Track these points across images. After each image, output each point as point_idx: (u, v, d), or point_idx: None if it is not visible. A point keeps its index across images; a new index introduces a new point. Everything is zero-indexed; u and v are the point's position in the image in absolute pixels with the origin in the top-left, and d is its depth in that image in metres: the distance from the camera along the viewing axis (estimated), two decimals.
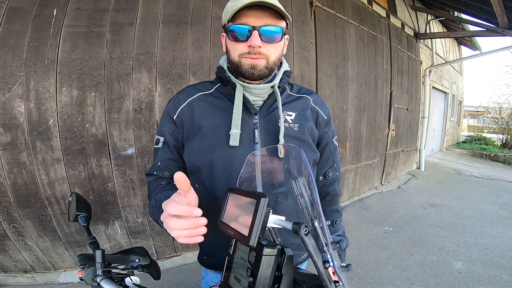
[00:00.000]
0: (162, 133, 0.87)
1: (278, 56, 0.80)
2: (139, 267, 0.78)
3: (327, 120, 0.96)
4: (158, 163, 0.88)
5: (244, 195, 0.58)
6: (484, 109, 17.39)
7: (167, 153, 0.87)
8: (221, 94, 0.85)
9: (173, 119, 0.85)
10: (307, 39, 3.20)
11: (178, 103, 0.85)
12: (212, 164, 0.80)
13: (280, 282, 0.55)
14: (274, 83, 0.81)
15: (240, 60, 0.76)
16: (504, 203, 4.56)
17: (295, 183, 0.72)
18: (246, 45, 0.74)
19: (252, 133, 0.80)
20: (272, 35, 0.74)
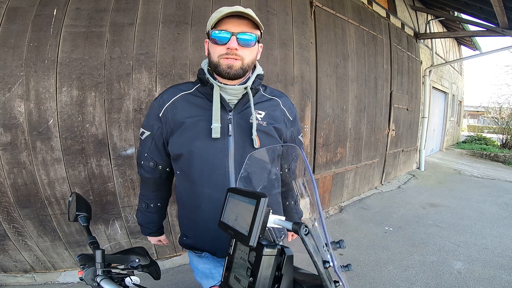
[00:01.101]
0: (149, 127, 1.01)
1: (252, 59, 0.94)
2: (139, 267, 0.78)
3: (292, 120, 1.09)
4: (145, 154, 1.04)
5: (244, 195, 0.58)
6: (484, 109, 17.38)
7: (152, 146, 1.02)
8: (200, 93, 0.98)
9: (159, 116, 0.98)
10: (307, 39, 3.20)
11: (163, 102, 0.99)
12: (191, 153, 0.94)
13: (280, 282, 0.55)
14: (247, 85, 0.94)
15: (219, 60, 0.89)
16: (504, 203, 4.56)
17: (295, 183, 0.72)
18: (225, 47, 0.87)
19: (226, 127, 0.94)
20: (248, 40, 0.88)
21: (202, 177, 0.94)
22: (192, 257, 1.09)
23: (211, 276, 1.06)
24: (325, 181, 3.91)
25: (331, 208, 4.11)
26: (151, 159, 1.04)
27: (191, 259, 1.11)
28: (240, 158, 0.93)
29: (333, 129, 3.89)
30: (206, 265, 1.05)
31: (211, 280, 1.06)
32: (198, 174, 0.94)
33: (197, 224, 0.99)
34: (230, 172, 0.93)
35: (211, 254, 1.02)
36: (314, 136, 3.62)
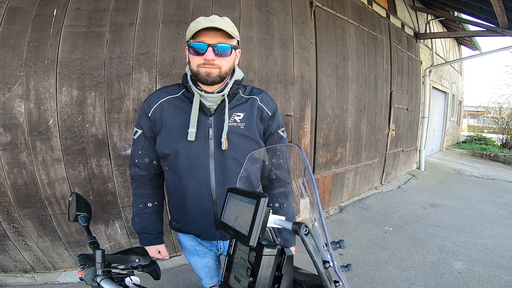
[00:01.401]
0: (140, 126, 1.09)
1: (230, 67, 1.01)
2: (139, 267, 0.78)
3: (271, 115, 1.14)
4: (139, 151, 1.11)
5: (244, 195, 0.58)
6: (484, 109, 17.36)
7: (145, 143, 1.10)
8: (186, 98, 1.06)
9: (148, 116, 1.07)
10: (307, 39, 3.20)
11: (151, 103, 1.07)
12: (176, 152, 1.04)
13: (280, 282, 0.55)
14: (224, 92, 1.02)
15: (198, 69, 0.96)
16: (504, 203, 4.56)
17: (295, 183, 0.72)
18: (203, 58, 0.94)
19: (207, 131, 1.03)
20: (224, 50, 0.95)
21: (187, 174, 1.05)
22: (180, 236, 1.24)
23: (196, 253, 1.23)
24: (325, 181, 3.91)
25: (331, 208, 4.11)
26: (146, 155, 1.11)
27: (179, 238, 1.25)
28: (219, 159, 1.05)
29: (333, 129, 3.89)
30: (190, 242, 1.21)
31: (196, 256, 1.24)
32: (184, 171, 1.05)
33: (184, 212, 1.11)
34: (210, 171, 1.05)
35: (195, 237, 1.17)
36: (314, 136, 3.62)
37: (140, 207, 1.16)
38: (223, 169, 1.05)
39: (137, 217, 1.17)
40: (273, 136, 1.17)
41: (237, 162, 1.05)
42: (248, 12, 2.71)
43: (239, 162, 1.04)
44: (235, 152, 1.05)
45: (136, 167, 1.13)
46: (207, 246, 1.21)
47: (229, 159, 1.05)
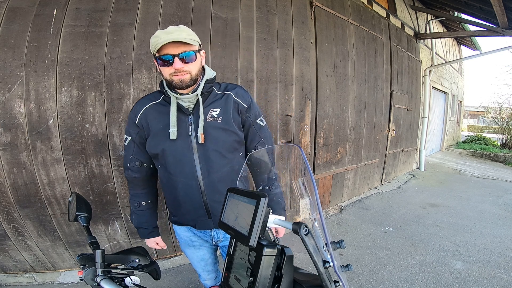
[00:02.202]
0: (130, 133, 1.21)
1: (199, 69, 1.10)
2: (139, 267, 0.78)
3: (247, 107, 1.21)
4: (130, 156, 1.22)
5: (244, 195, 0.58)
6: (484, 109, 17.35)
7: (135, 148, 1.21)
8: (166, 102, 1.16)
9: (136, 123, 1.18)
10: (307, 39, 3.20)
11: (137, 111, 1.18)
12: (164, 151, 1.14)
13: (280, 282, 0.55)
14: (197, 92, 1.11)
15: (171, 78, 1.06)
16: (504, 203, 4.56)
17: (295, 183, 0.72)
18: (172, 68, 1.02)
19: (187, 128, 1.13)
20: (189, 57, 1.03)
21: (175, 169, 1.15)
22: (176, 228, 1.34)
23: (191, 244, 1.34)
24: (325, 181, 3.91)
25: (331, 208, 4.11)
26: (136, 159, 1.22)
27: (176, 231, 1.35)
28: (201, 152, 1.14)
29: (333, 129, 3.89)
30: (186, 233, 1.31)
31: (192, 248, 1.35)
32: (173, 167, 1.16)
33: (178, 205, 1.22)
34: (195, 164, 1.14)
35: (191, 227, 1.27)
36: (314, 136, 3.62)
37: (136, 206, 1.30)
38: (207, 161, 1.14)
39: (134, 214, 1.31)
40: (253, 126, 1.24)
41: (218, 153, 1.15)
42: (248, 12, 2.71)
43: (221, 153, 1.15)
44: (215, 144, 1.14)
45: (129, 170, 1.24)
46: (202, 236, 1.31)
47: (211, 151, 1.13)
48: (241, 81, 2.65)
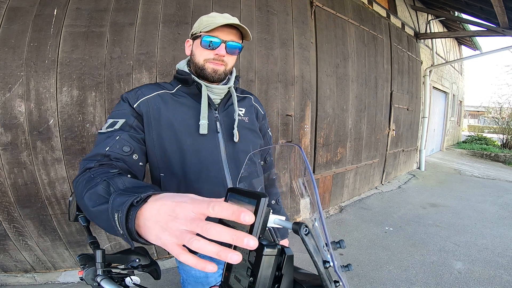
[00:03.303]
0: (123, 115, 0.88)
1: (233, 65, 1.00)
2: (139, 267, 0.78)
3: (263, 115, 1.17)
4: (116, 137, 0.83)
5: (244, 194, 0.58)
6: (484, 109, 17.34)
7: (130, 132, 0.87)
8: (184, 93, 0.98)
9: (133, 107, 0.91)
10: (307, 39, 3.20)
11: (141, 94, 0.93)
12: (182, 151, 0.92)
13: (280, 282, 0.55)
14: (230, 84, 1.00)
15: (204, 63, 0.93)
16: (505, 203, 4.56)
17: (295, 183, 0.72)
18: (213, 53, 0.91)
19: (214, 124, 0.97)
20: (234, 49, 0.93)
21: (198, 174, 0.93)
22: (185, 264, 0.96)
23: (206, 282, 1.00)
24: (325, 181, 3.91)
25: (331, 208, 4.11)
26: (127, 143, 0.84)
27: (183, 266, 1.02)
28: (230, 152, 0.98)
29: (333, 129, 3.89)
30: None
31: (207, 286, 1.01)
32: (194, 171, 0.92)
33: None
34: (224, 167, 0.96)
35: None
36: (315, 136, 3.62)
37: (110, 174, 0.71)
38: (237, 163, 0.98)
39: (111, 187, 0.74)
40: (267, 136, 1.19)
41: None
42: (248, 12, 2.71)
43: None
44: (245, 145, 1.01)
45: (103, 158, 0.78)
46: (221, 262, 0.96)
47: (241, 152, 0.99)
48: (241, 81, 2.65)
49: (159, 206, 0.42)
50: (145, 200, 0.45)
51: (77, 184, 0.68)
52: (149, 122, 0.91)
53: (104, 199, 0.53)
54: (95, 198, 0.56)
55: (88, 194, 0.57)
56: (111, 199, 0.49)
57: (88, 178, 0.66)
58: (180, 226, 0.39)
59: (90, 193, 0.57)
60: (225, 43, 0.90)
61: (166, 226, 0.40)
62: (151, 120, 0.91)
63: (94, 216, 0.55)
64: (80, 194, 0.62)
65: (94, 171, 0.69)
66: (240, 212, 0.38)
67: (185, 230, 0.38)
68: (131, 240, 0.45)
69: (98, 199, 0.55)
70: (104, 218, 0.50)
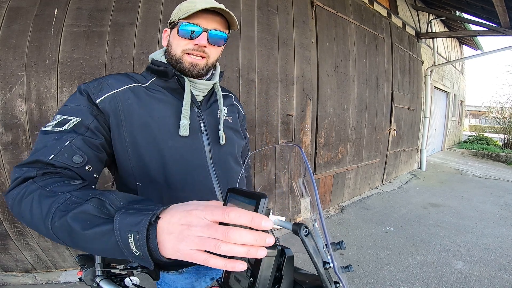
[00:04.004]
0: (79, 112, 0.70)
1: (216, 58, 0.88)
2: (138, 267, 0.78)
3: (243, 115, 1.09)
4: (66, 142, 0.64)
5: (243, 195, 0.58)
6: (485, 109, 17.31)
7: (85, 135, 0.68)
8: (159, 87, 0.84)
9: (95, 102, 0.73)
10: (308, 39, 3.19)
11: (106, 87, 0.76)
12: (162, 156, 0.78)
13: (280, 283, 0.55)
14: (215, 80, 0.90)
15: (182, 55, 0.80)
16: (506, 203, 4.55)
17: (296, 183, 0.72)
18: (192, 43, 0.79)
19: (198, 124, 0.85)
20: (218, 39, 0.81)
21: (185, 182, 0.81)
22: (168, 276, 0.88)
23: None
24: (326, 181, 3.91)
25: (332, 208, 4.11)
26: (79, 151, 0.65)
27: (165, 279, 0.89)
28: (216, 156, 0.86)
29: (334, 128, 3.88)
30: (187, 280, 0.88)
31: None
32: (179, 179, 0.80)
33: None
34: (210, 172, 0.84)
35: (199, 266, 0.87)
36: (315, 136, 3.62)
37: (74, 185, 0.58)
38: (224, 168, 0.87)
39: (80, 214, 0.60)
40: (246, 137, 1.11)
41: (234, 158, 0.92)
42: (249, 12, 2.71)
43: (236, 158, 0.93)
44: (231, 147, 0.91)
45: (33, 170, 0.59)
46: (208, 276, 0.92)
47: (228, 156, 0.89)
48: (242, 81, 2.65)
49: (170, 217, 0.41)
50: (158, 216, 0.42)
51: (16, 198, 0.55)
52: (119, 123, 0.75)
53: (101, 220, 0.46)
54: (85, 219, 0.46)
55: (72, 215, 0.47)
56: (117, 219, 0.44)
57: (41, 193, 0.53)
58: (197, 233, 0.38)
59: (74, 214, 0.47)
60: (207, 31, 0.78)
61: (182, 236, 0.39)
62: (121, 120, 0.75)
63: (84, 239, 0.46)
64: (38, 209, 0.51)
65: (41, 182, 0.56)
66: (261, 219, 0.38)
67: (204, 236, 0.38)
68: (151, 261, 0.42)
69: (90, 220, 0.46)
70: (104, 241, 0.44)
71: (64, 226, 0.47)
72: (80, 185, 0.57)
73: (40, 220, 0.50)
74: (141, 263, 0.43)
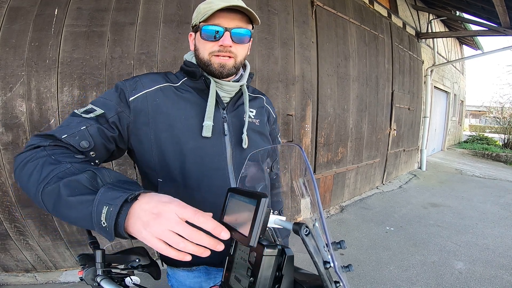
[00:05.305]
0: (105, 106, 0.76)
1: (245, 56, 0.87)
2: (139, 267, 0.78)
3: (275, 119, 1.08)
4: (82, 127, 0.70)
5: (244, 195, 0.58)
6: (486, 109, 17.31)
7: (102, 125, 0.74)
8: (188, 87, 0.86)
9: (128, 100, 0.78)
10: (308, 39, 3.19)
11: (141, 86, 0.81)
12: (183, 155, 0.80)
13: (281, 282, 0.55)
14: (243, 82, 0.89)
15: (210, 58, 0.81)
16: (506, 203, 4.55)
17: (296, 183, 0.72)
18: (217, 44, 0.79)
19: (221, 126, 0.85)
20: (242, 36, 0.80)
21: (201, 182, 0.82)
22: (178, 272, 0.92)
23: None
24: (326, 181, 3.91)
25: (332, 208, 4.11)
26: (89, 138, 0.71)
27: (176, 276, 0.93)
28: (237, 159, 0.86)
29: (334, 128, 3.89)
30: (197, 279, 0.91)
31: None
32: (196, 178, 0.82)
33: None
34: (229, 175, 0.85)
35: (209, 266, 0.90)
36: (315, 135, 3.62)
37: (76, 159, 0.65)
38: None
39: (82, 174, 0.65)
40: (276, 141, 1.10)
41: None
42: None
43: None
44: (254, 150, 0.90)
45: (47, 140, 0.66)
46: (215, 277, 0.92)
47: None
48: None
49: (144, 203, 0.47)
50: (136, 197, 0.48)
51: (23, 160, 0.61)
52: (147, 121, 0.79)
53: (88, 190, 0.51)
54: (75, 187, 0.51)
55: (67, 181, 0.52)
56: (100, 192, 0.49)
57: (46, 160, 0.59)
58: (164, 225, 0.44)
59: (69, 181, 0.52)
60: (229, 30, 0.77)
61: (148, 224, 0.44)
62: (149, 118, 0.79)
63: (65, 205, 0.50)
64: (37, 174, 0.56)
65: (50, 151, 0.63)
66: (221, 230, 0.46)
67: (168, 230, 0.44)
68: (113, 235, 0.46)
69: (79, 188, 0.51)
70: (80, 209, 0.49)
71: (55, 191, 0.52)
72: (82, 159, 0.65)
73: (34, 184, 0.55)
74: (103, 235, 0.47)
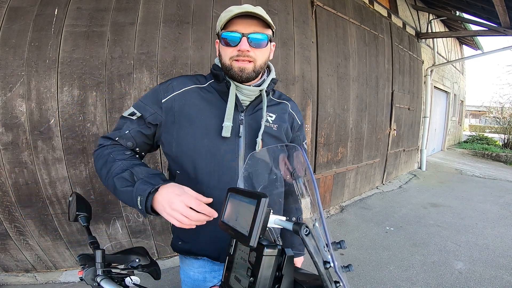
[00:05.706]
0: (143, 109, 0.91)
1: (265, 60, 0.90)
2: (139, 267, 0.78)
3: (300, 125, 1.09)
4: (126, 131, 0.89)
5: (244, 195, 0.58)
6: (486, 109, 17.30)
7: (140, 127, 0.90)
8: (214, 89, 0.94)
9: (161, 102, 0.90)
10: (308, 39, 3.19)
11: (171, 89, 0.92)
12: (195, 151, 0.89)
13: (281, 282, 0.55)
14: (263, 87, 0.92)
15: (230, 63, 0.86)
16: (506, 203, 4.55)
17: (296, 183, 0.72)
18: (236, 49, 0.84)
19: (237, 128, 0.90)
20: (259, 41, 0.85)
21: (210, 178, 0.89)
22: (186, 260, 0.99)
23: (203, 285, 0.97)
24: (326, 181, 3.91)
25: (332, 208, 4.11)
26: (132, 139, 0.90)
27: (183, 264, 1.01)
28: None
29: (334, 128, 3.89)
30: (201, 268, 0.97)
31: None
32: (206, 175, 0.89)
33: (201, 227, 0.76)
34: (239, 175, 0.88)
35: (211, 259, 0.96)
36: (315, 135, 3.62)
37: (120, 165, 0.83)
38: None
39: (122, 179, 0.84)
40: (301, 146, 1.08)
41: None
42: None
43: None
44: None
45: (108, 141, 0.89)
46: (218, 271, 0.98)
47: None
48: None
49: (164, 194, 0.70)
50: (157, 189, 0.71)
51: (97, 157, 0.88)
52: (173, 120, 0.90)
53: (129, 183, 0.76)
54: (122, 181, 0.77)
55: (118, 177, 0.78)
56: (136, 186, 0.73)
57: (108, 158, 0.84)
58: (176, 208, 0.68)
59: (118, 177, 0.78)
60: (246, 36, 0.82)
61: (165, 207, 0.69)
62: (175, 117, 0.89)
63: (119, 192, 0.78)
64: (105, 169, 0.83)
65: (111, 149, 0.87)
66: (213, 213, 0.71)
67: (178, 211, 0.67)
68: (145, 214, 0.72)
69: (124, 183, 0.77)
70: (128, 196, 0.75)
71: (113, 182, 0.78)
72: (129, 155, 0.86)
73: (102, 178, 0.83)
74: (140, 212, 0.73)
